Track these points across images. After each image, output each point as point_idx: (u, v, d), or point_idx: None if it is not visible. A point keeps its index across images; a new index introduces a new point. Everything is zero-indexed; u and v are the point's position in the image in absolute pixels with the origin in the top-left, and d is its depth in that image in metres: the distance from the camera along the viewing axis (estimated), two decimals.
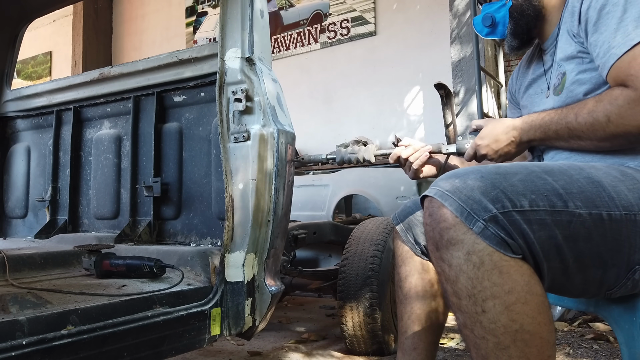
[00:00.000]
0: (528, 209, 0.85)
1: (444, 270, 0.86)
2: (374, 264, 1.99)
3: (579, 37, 1.11)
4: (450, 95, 4.17)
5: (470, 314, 0.83)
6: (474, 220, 0.83)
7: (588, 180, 0.91)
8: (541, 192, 0.87)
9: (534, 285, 0.83)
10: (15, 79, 2.59)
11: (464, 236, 0.83)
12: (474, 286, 0.82)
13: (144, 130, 1.88)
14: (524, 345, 0.81)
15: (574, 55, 1.12)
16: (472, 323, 0.83)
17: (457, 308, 0.86)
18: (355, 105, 5.31)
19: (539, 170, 0.91)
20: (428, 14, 4.97)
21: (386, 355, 2.03)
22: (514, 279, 0.82)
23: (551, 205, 0.86)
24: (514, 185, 0.86)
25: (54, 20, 7.68)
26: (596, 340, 2.25)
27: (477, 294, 0.82)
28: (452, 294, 0.86)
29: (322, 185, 3.77)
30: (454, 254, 0.84)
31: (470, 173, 0.89)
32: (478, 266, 0.82)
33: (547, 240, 0.85)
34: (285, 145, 1.40)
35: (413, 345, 1.26)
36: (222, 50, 1.42)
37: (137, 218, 1.86)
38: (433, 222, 0.87)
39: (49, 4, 2.15)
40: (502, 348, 0.81)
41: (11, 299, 1.05)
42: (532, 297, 0.82)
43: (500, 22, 1.27)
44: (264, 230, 1.37)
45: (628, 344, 0.99)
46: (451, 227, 0.84)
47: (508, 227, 0.83)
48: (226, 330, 1.34)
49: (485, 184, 0.86)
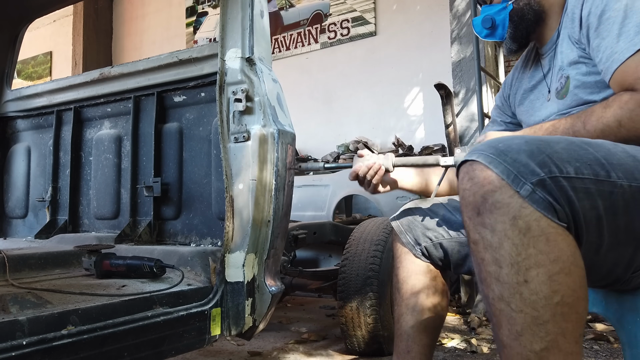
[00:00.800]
0: (574, 175, 0.82)
1: (484, 237, 0.82)
2: (374, 264, 1.99)
3: (580, 43, 1.12)
4: (451, 96, 4.17)
5: (510, 284, 0.79)
6: (522, 184, 0.79)
7: (625, 153, 0.90)
8: (584, 160, 0.85)
9: (578, 257, 0.80)
10: (16, 79, 2.59)
11: (511, 199, 0.79)
12: (519, 253, 0.78)
13: (144, 131, 1.88)
14: (562, 320, 0.78)
15: (577, 60, 1.13)
16: (511, 294, 0.79)
17: (494, 278, 0.81)
18: (355, 106, 5.31)
19: (578, 140, 0.90)
20: (428, 14, 4.97)
21: (386, 355, 2.03)
22: (560, 248, 0.78)
23: (595, 174, 0.84)
24: (558, 152, 0.84)
25: (54, 21, 7.68)
26: (596, 341, 2.25)
27: (520, 262, 0.78)
28: (491, 262, 0.81)
29: (323, 185, 3.77)
30: (499, 218, 0.80)
31: (514, 138, 0.86)
32: (524, 232, 0.78)
33: (590, 210, 0.83)
34: (285, 146, 1.40)
35: (407, 348, 1.25)
36: (222, 50, 1.42)
37: (137, 218, 1.86)
38: (474, 185, 0.83)
39: (49, 4, 2.15)
40: (540, 323, 0.78)
41: (11, 299, 1.05)
42: (576, 269, 0.79)
43: (500, 24, 1.26)
44: (264, 230, 1.37)
45: (631, 344, 0.99)
46: (497, 189, 0.80)
47: (556, 193, 0.80)
48: (226, 331, 1.34)
49: (531, 148, 0.83)
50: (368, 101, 5.22)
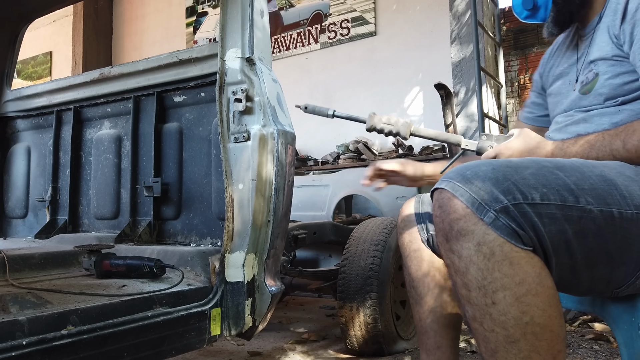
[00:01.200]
0: (539, 202, 0.84)
1: (453, 262, 0.85)
2: (374, 264, 1.99)
3: (618, 39, 1.06)
4: (451, 96, 4.18)
5: (480, 306, 0.82)
6: (485, 211, 0.82)
7: (600, 177, 0.90)
8: (552, 186, 0.86)
9: (545, 278, 0.82)
10: (16, 79, 2.59)
11: (475, 227, 0.82)
12: (484, 277, 0.81)
13: (144, 131, 1.88)
14: (534, 339, 0.80)
15: (610, 57, 1.08)
16: (482, 315, 0.82)
17: (466, 300, 0.85)
18: (355, 105, 5.31)
19: (550, 165, 0.90)
20: (428, 14, 4.97)
21: (386, 355, 2.03)
22: (524, 270, 0.81)
23: (562, 199, 0.85)
24: (525, 179, 0.85)
25: (54, 21, 7.68)
26: (596, 341, 2.25)
27: (487, 285, 0.81)
28: (461, 286, 0.84)
29: (322, 185, 3.77)
30: (464, 244, 0.83)
31: (482, 165, 0.88)
32: (489, 257, 0.81)
33: (557, 234, 0.84)
34: (285, 146, 1.40)
35: (436, 344, 1.25)
36: (222, 50, 1.42)
37: (137, 218, 1.86)
38: (443, 213, 0.86)
39: (49, 4, 2.15)
40: (512, 341, 0.80)
41: (11, 299, 1.05)
42: (543, 289, 0.81)
43: (542, 5, 1.20)
44: (264, 230, 1.37)
45: (627, 344, 0.99)
46: (461, 217, 0.83)
47: (519, 219, 0.82)
48: (226, 331, 1.34)
49: (496, 175, 0.85)
50: (368, 101, 5.22)
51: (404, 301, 2.18)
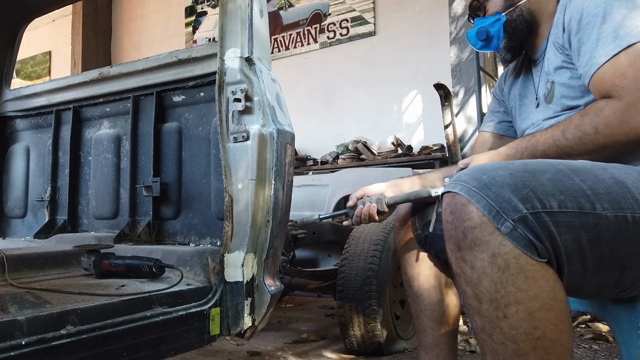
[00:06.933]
0: (557, 210, 0.82)
1: (465, 271, 0.83)
2: (373, 264, 1.99)
3: (564, 49, 1.13)
4: (450, 96, 4.18)
5: (490, 319, 0.80)
6: (503, 220, 0.79)
7: (613, 180, 0.89)
8: (570, 192, 0.84)
9: (558, 292, 0.81)
10: (15, 79, 2.59)
11: (490, 237, 0.80)
12: (497, 290, 0.79)
13: (143, 130, 1.87)
14: (544, 353, 0.79)
15: (561, 65, 1.15)
16: (492, 328, 0.81)
17: (476, 311, 0.83)
18: (355, 105, 5.31)
19: (565, 169, 0.89)
20: (427, 15, 4.97)
21: (385, 355, 2.03)
22: (539, 285, 0.79)
23: (579, 207, 0.84)
24: (543, 185, 0.83)
25: (53, 20, 7.67)
26: (595, 341, 2.25)
27: (499, 299, 0.79)
28: (472, 297, 0.82)
29: (322, 185, 3.76)
30: (478, 255, 0.80)
31: (499, 169, 0.85)
32: (503, 269, 0.79)
33: (572, 243, 0.83)
34: (284, 145, 1.40)
35: (434, 341, 1.26)
36: (221, 50, 1.42)
37: (137, 218, 1.86)
38: (456, 220, 0.83)
39: (49, 4, 2.15)
40: (521, 355, 0.79)
41: (10, 299, 1.05)
42: (556, 303, 0.80)
43: (494, 36, 1.28)
44: (264, 230, 1.37)
45: (626, 344, 0.99)
46: (477, 226, 0.81)
47: (537, 229, 0.80)
48: (225, 330, 1.34)
49: (515, 181, 0.82)
50: (367, 101, 5.22)
51: (403, 301, 2.18)
